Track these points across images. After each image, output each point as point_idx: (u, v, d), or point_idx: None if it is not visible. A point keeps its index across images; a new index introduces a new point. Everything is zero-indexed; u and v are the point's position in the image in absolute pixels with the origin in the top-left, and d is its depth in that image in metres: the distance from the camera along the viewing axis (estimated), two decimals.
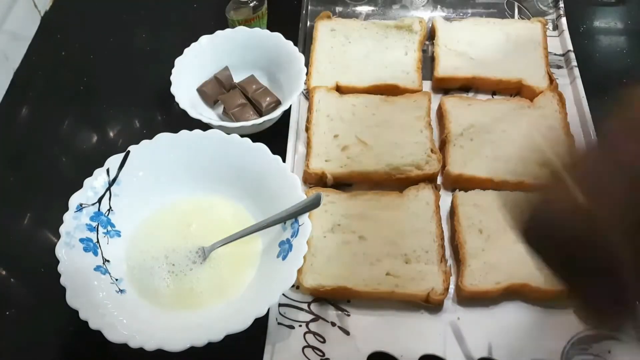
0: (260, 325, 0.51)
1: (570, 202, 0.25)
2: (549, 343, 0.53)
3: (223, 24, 0.74)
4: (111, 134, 0.70)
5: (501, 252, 0.56)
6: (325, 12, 0.78)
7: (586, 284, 0.27)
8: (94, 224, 0.55)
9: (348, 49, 0.75)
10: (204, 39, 0.70)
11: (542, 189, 0.27)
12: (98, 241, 0.54)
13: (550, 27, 0.79)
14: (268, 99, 0.67)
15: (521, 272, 0.55)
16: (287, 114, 0.67)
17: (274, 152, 0.58)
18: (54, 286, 0.49)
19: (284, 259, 0.53)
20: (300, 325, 0.54)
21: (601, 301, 0.27)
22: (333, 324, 0.54)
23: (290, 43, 0.69)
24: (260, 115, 0.67)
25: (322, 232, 0.58)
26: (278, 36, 0.70)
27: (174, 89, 0.65)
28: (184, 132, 0.59)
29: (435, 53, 0.74)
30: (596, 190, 0.25)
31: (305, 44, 0.76)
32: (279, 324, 0.54)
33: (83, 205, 0.54)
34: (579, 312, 0.29)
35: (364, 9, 0.82)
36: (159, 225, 0.58)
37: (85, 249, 0.53)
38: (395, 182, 0.63)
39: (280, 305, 0.55)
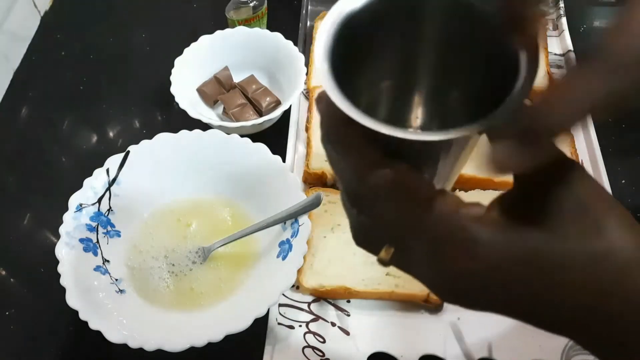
0: (260, 325, 0.51)
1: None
2: (549, 343, 0.53)
3: (223, 24, 0.74)
4: (111, 134, 0.70)
5: None
6: (325, 12, 0.78)
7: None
8: (94, 224, 0.55)
9: None
10: (204, 39, 0.70)
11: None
12: (98, 241, 0.54)
13: (550, 27, 0.79)
14: (268, 99, 0.67)
15: None
16: (287, 114, 0.67)
17: (274, 152, 0.58)
18: (54, 286, 0.49)
19: (284, 259, 0.53)
20: (300, 325, 0.54)
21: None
22: (333, 324, 0.54)
23: (290, 43, 0.69)
24: (260, 115, 0.67)
25: (322, 232, 0.58)
26: (278, 36, 0.70)
27: (174, 89, 0.65)
28: (184, 132, 0.59)
29: None
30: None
31: (305, 44, 0.76)
32: (279, 324, 0.54)
33: (83, 206, 0.54)
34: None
35: None
36: (159, 225, 0.58)
37: (85, 249, 0.53)
38: None
39: (280, 305, 0.55)
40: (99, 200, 0.56)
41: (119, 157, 0.57)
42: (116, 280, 0.53)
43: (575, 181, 0.25)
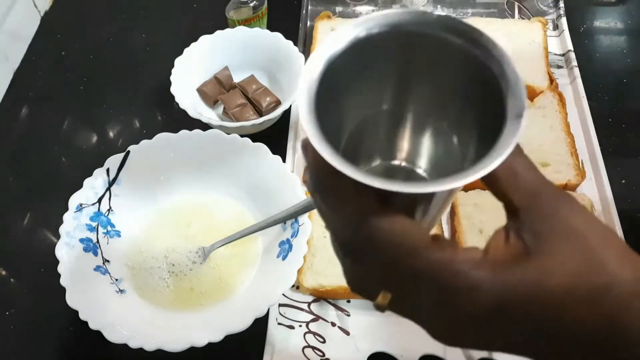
0: (260, 325, 0.51)
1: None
2: None
3: (223, 24, 0.74)
4: (111, 134, 0.70)
5: None
6: (325, 12, 0.78)
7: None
8: (94, 224, 0.55)
9: None
10: (204, 39, 0.70)
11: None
12: (98, 241, 0.54)
13: (550, 27, 0.79)
14: (268, 99, 0.67)
15: None
16: (287, 114, 0.67)
17: (274, 152, 0.58)
18: (54, 286, 0.49)
19: (284, 259, 0.53)
20: (300, 325, 0.54)
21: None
22: (333, 324, 0.54)
23: (290, 43, 0.69)
24: (260, 115, 0.67)
25: (322, 232, 0.58)
26: (278, 36, 0.70)
27: (174, 89, 0.65)
28: (184, 132, 0.59)
29: None
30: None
31: (305, 44, 0.76)
32: (279, 324, 0.54)
33: (83, 205, 0.54)
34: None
35: (364, 8, 0.82)
36: (159, 225, 0.58)
37: (85, 249, 0.53)
38: None
39: (280, 305, 0.55)
40: (99, 200, 0.56)
41: (119, 157, 0.57)
42: (116, 280, 0.53)
43: (570, 214, 0.25)
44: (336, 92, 0.28)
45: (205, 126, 0.62)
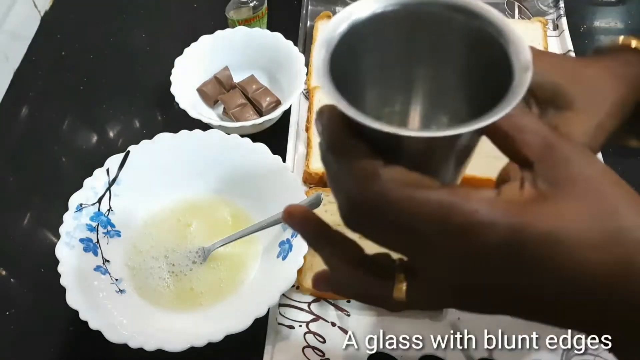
0: (260, 325, 0.51)
1: None
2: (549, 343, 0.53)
3: (223, 24, 0.74)
4: (111, 134, 0.70)
5: None
6: (325, 12, 0.78)
7: None
8: (94, 224, 0.55)
9: None
10: (204, 39, 0.70)
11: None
12: (98, 241, 0.54)
13: (550, 27, 0.79)
14: (268, 99, 0.67)
15: None
16: (287, 114, 0.67)
17: (274, 152, 0.58)
18: (54, 286, 0.49)
19: (284, 259, 0.53)
20: (300, 325, 0.54)
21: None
22: (333, 324, 0.54)
23: (290, 43, 0.69)
24: (260, 115, 0.67)
25: None
26: (278, 36, 0.70)
27: (174, 89, 0.65)
28: (184, 132, 0.59)
29: None
30: None
31: (305, 44, 0.76)
32: (279, 324, 0.54)
33: (83, 206, 0.54)
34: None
35: None
36: (159, 225, 0.58)
37: (85, 249, 0.53)
38: None
39: (280, 305, 0.55)
40: (99, 200, 0.56)
41: (119, 157, 0.57)
42: (116, 280, 0.53)
43: (584, 162, 0.26)
44: (349, 64, 0.28)
45: (205, 126, 0.62)
